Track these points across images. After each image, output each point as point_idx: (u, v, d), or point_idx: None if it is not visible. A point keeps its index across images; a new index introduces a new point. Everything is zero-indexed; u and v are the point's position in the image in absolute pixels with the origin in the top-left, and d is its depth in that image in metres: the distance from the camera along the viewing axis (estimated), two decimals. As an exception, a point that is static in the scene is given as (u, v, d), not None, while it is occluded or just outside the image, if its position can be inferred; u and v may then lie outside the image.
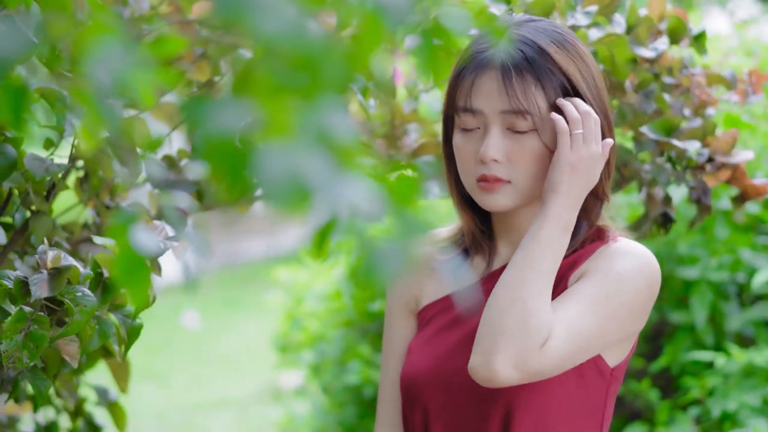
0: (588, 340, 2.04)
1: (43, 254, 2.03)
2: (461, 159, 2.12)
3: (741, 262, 4.06)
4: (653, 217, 2.69)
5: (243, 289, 12.20)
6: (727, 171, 2.62)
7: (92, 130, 1.23)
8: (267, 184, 0.81)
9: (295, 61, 0.80)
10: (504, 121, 2.07)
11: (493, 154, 2.06)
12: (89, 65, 0.85)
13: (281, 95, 0.86)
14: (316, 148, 0.83)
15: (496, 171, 2.07)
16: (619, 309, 2.06)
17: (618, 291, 2.06)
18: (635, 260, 2.10)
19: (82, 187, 2.43)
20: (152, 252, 1.09)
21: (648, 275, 2.10)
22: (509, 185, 2.08)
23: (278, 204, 0.80)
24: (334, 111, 0.83)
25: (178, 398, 7.63)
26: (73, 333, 2.03)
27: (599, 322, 2.04)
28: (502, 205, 2.10)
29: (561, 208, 2.04)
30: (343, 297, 5.21)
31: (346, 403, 5.16)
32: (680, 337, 4.12)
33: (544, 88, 2.06)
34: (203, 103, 0.89)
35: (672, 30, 2.65)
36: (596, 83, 2.12)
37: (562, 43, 2.10)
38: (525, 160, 2.07)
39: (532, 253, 2.03)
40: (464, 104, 2.10)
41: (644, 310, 2.12)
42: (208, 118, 0.86)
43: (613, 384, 2.14)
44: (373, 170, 0.83)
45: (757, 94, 2.80)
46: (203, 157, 0.81)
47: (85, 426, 2.84)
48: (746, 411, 3.71)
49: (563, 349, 2.01)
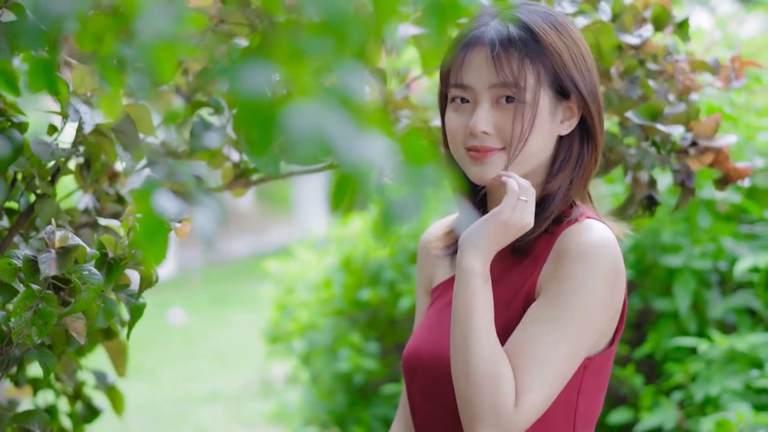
0: (562, 372, 2.04)
1: (51, 234, 2.09)
2: (451, 132, 2.17)
3: (723, 251, 4.12)
4: (639, 200, 2.75)
5: (229, 286, 12.25)
6: (711, 155, 2.67)
7: (113, 103, 1.31)
8: (293, 140, 0.88)
9: (319, 27, 0.87)
10: (493, 94, 2.12)
11: (482, 126, 2.11)
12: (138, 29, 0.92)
13: (302, 59, 0.93)
14: (338, 109, 0.90)
15: (486, 142, 2.12)
16: (585, 318, 2.05)
17: (580, 302, 2.04)
18: (590, 257, 2.07)
19: (83, 173, 2.48)
20: (172, 214, 1.16)
21: (606, 266, 2.07)
22: (501, 152, 2.12)
23: (304, 158, 0.87)
24: (354, 74, 0.91)
25: (168, 392, 7.67)
26: (80, 310, 2.09)
27: (569, 346, 2.03)
28: (491, 177, 2.13)
29: (479, 263, 2.05)
30: (334, 286, 5.28)
31: (336, 392, 5.22)
32: (664, 324, 4.17)
33: (532, 64, 2.10)
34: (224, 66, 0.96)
35: (656, 17, 2.71)
36: (587, 66, 2.17)
37: (553, 24, 2.15)
38: (516, 130, 2.11)
39: (466, 315, 2.04)
40: (455, 80, 2.16)
41: (613, 299, 2.11)
42: (233, 79, 0.93)
43: (588, 378, 2.13)
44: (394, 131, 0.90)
45: (740, 80, 2.85)
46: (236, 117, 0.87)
47: (84, 409, 2.88)
48: (728, 395, 3.75)
49: (540, 396, 2.01)
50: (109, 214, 2.63)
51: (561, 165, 2.18)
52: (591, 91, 2.16)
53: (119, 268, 2.17)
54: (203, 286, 12.39)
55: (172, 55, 1.04)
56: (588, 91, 2.16)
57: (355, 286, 5.20)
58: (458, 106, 2.17)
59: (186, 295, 11.72)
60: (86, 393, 2.88)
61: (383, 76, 2.66)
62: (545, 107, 2.12)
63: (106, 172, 2.65)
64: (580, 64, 2.15)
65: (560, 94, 2.14)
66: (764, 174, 4.17)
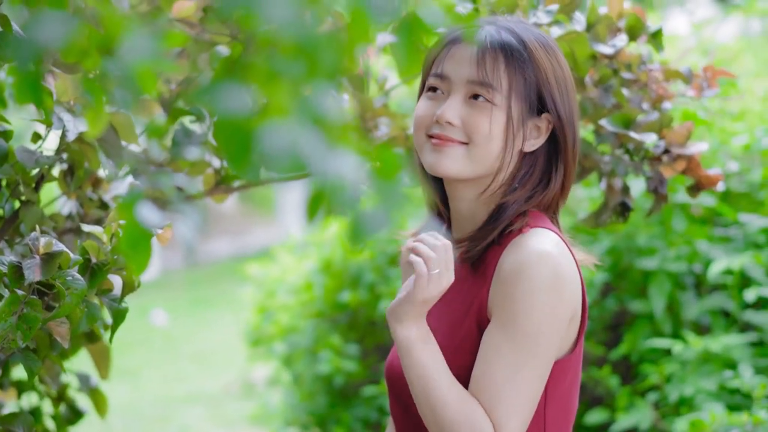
0: (531, 393, 2.05)
1: (35, 240, 2.13)
2: (417, 117, 2.18)
3: (698, 254, 4.18)
4: (612, 206, 2.79)
5: (211, 287, 12.27)
6: (683, 162, 2.70)
7: (97, 117, 1.36)
8: (269, 159, 0.93)
9: (293, 50, 0.92)
10: (468, 90, 2.13)
11: (450, 115, 2.12)
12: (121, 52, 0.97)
13: (276, 81, 0.98)
14: (311, 128, 0.95)
15: (449, 132, 2.12)
16: (537, 336, 2.04)
17: (527, 323, 2.04)
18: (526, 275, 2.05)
19: (67, 180, 2.51)
20: (155, 224, 1.21)
21: (546, 279, 2.05)
22: (463, 148, 2.12)
23: (280, 174, 0.93)
24: (327, 95, 0.96)
25: (150, 394, 7.71)
26: (64, 315, 2.12)
27: (529, 367, 2.04)
28: (448, 168, 2.13)
29: (412, 331, 2.07)
30: (314, 289, 5.32)
31: (317, 393, 5.27)
32: (639, 326, 4.23)
33: (513, 73, 2.12)
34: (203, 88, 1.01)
35: (630, 27, 2.74)
36: (568, 91, 2.18)
37: (543, 44, 2.16)
38: (481, 128, 2.10)
39: (420, 381, 2.06)
40: (436, 70, 2.18)
41: (562, 308, 2.08)
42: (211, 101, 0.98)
43: (553, 380, 2.13)
44: (364, 147, 0.96)
45: (712, 89, 2.89)
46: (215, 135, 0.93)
47: (68, 411, 2.92)
48: (702, 396, 3.82)
49: (518, 424, 2.04)
50: (92, 219, 2.67)
51: (521, 181, 2.17)
52: (569, 117, 2.17)
53: (102, 274, 2.20)
54: (186, 287, 12.42)
55: (154, 71, 1.09)
56: (566, 114, 2.16)
57: (335, 289, 5.25)
58: (432, 95, 2.18)
59: (169, 297, 11.75)
60: (70, 395, 2.91)
61: (361, 85, 2.70)
62: (514, 117, 2.12)
63: (90, 179, 2.69)
64: (561, 87, 2.16)
65: (531, 110, 2.14)
66: (738, 178, 4.24)
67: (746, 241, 4.16)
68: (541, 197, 2.18)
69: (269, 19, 0.89)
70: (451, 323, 2.16)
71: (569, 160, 2.19)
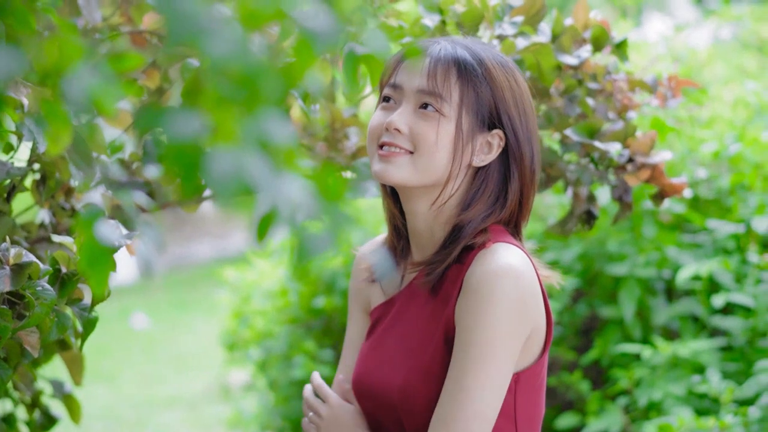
0: (494, 403, 2.08)
1: (5, 251, 2.15)
2: (371, 128, 2.21)
3: (667, 259, 4.22)
4: (578, 214, 2.83)
5: (191, 290, 12.28)
6: (647, 170, 2.74)
7: (58, 137, 1.39)
8: (215, 183, 0.97)
9: (238, 78, 0.96)
10: (418, 99, 2.16)
11: (398, 123, 2.15)
12: (65, 82, 1.00)
13: (226, 106, 1.02)
14: (258, 152, 0.99)
15: (397, 140, 2.15)
16: (497, 350, 2.06)
17: (488, 338, 2.06)
18: (487, 291, 2.08)
19: (39, 190, 2.54)
20: (114, 244, 1.24)
21: (508, 294, 2.08)
22: (409, 156, 2.14)
23: (225, 201, 0.96)
24: (273, 120, 1.00)
25: (128, 397, 7.72)
26: (33, 324, 2.14)
27: (491, 380, 2.07)
28: (392, 175, 2.15)
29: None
30: (289, 295, 5.35)
31: (292, 398, 5.29)
32: (609, 331, 4.27)
33: (465, 86, 2.14)
34: (156, 112, 1.05)
35: (595, 38, 2.78)
36: (526, 111, 2.20)
37: (501, 63, 2.19)
38: (428, 137, 2.13)
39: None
40: (389, 80, 2.22)
41: (523, 323, 2.11)
42: (162, 125, 1.02)
43: (522, 392, 2.17)
44: (308, 171, 1.00)
45: (676, 98, 2.93)
46: (159, 159, 0.96)
47: (42, 417, 2.94)
48: (671, 400, 3.86)
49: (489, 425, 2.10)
50: (65, 228, 2.69)
51: (474, 197, 2.19)
52: (526, 135, 2.19)
53: (72, 283, 2.22)
54: (166, 290, 12.42)
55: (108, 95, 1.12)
56: (523, 133, 2.18)
57: (310, 295, 5.28)
58: (386, 105, 2.22)
59: (149, 300, 11.75)
60: (44, 402, 2.92)
61: (331, 96, 2.74)
62: (464, 130, 2.14)
63: (62, 188, 2.71)
64: (519, 106, 2.18)
65: (482, 125, 2.16)
66: (707, 184, 4.28)
67: (715, 247, 4.21)
68: (500, 215, 2.20)
69: (214, 50, 0.93)
70: (419, 345, 2.19)
71: (526, 177, 2.21)
